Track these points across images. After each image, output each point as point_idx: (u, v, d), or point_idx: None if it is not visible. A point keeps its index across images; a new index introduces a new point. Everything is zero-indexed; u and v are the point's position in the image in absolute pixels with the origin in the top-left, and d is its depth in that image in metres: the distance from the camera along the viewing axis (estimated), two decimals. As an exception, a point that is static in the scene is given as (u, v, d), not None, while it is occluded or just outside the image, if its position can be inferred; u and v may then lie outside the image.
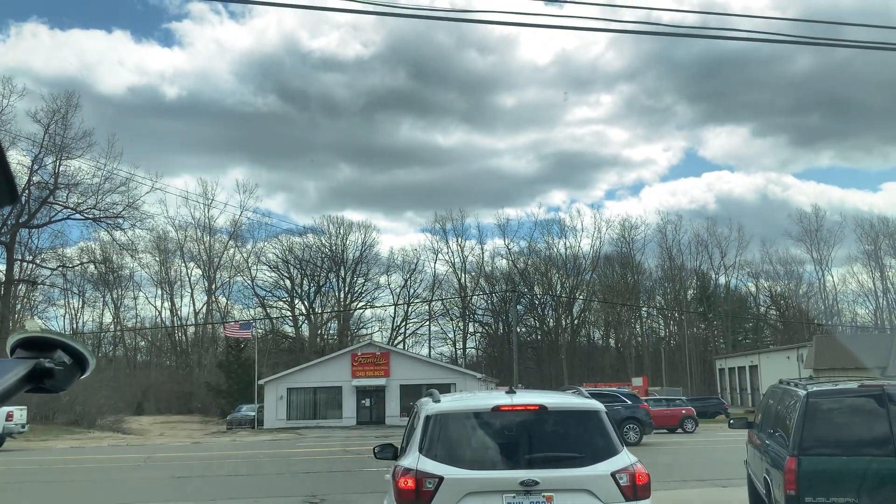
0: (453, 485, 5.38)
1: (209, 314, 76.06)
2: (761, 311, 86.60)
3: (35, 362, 1.31)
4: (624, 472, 5.51)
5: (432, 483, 5.40)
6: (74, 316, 72.85)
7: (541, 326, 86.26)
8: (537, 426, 5.84)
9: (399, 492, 5.50)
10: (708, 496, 12.84)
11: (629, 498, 5.45)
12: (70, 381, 1.38)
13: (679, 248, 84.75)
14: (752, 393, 63.37)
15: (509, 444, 5.78)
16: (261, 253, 79.52)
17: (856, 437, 7.49)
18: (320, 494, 13.86)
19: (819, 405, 7.54)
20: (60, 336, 1.38)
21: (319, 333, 79.90)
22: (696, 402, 50.78)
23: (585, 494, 5.44)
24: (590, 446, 5.69)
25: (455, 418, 5.88)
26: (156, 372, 72.81)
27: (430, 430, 5.73)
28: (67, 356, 1.37)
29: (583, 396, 6.40)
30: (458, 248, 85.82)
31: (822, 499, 7.10)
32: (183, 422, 55.47)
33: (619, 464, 5.56)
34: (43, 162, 47.61)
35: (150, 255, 75.66)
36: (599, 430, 5.78)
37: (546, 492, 5.39)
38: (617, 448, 5.69)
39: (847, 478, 7.12)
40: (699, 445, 24.75)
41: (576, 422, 5.90)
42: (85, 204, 48.38)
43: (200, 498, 13.85)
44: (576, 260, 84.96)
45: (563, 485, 5.45)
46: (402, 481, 5.51)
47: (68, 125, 48.33)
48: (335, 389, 49.63)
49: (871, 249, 78.86)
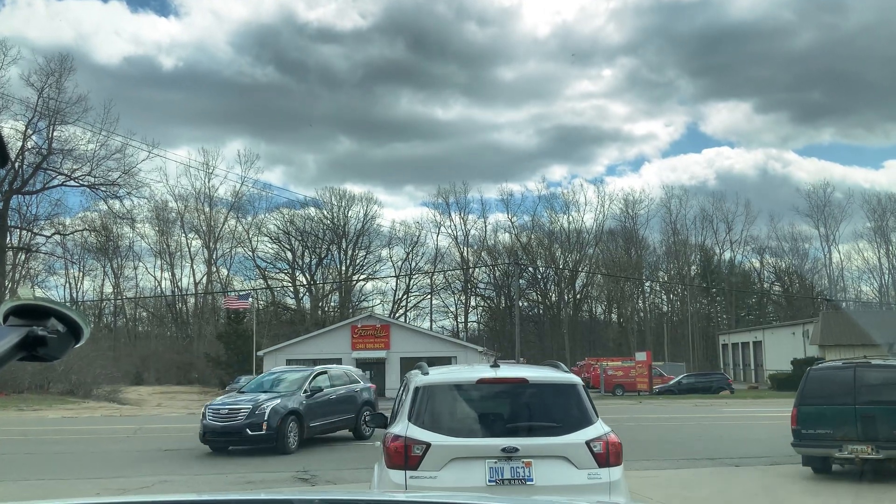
0: (439, 450, 5.74)
1: (209, 285, 75.55)
2: (765, 287, 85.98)
3: (28, 330, 1.29)
4: (598, 441, 5.84)
5: (420, 449, 5.75)
6: (74, 286, 72.49)
7: (543, 301, 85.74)
8: (518, 398, 6.24)
9: (390, 456, 5.87)
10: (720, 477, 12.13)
11: (602, 464, 5.78)
12: (64, 350, 1.35)
13: (684, 223, 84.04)
14: (755, 369, 62.79)
15: (492, 414, 6.21)
16: (262, 224, 78.88)
17: (832, 392, 11.50)
18: (312, 470, 13.21)
19: (813, 374, 12.13)
20: (54, 304, 1.35)
21: (320, 306, 79.42)
22: (699, 377, 50.39)
23: (562, 461, 5.79)
24: (567, 417, 6.03)
25: (442, 389, 6.23)
26: (156, 342, 72.54)
27: (419, 400, 6.06)
28: (61, 324, 1.34)
29: (561, 371, 6.59)
30: (461, 222, 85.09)
31: (810, 430, 11.41)
32: (182, 392, 55.14)
33: (594, 433, 5.88)
34: (37, 126, 46.70)
35: (150, 225, 75.15)
36: (576, 402, 6.11)
37: (525, 458, 5.74)
38: (592, 419, 6.02)
39: (826, 417, 11.33)
40: (706, 421, 24.10)
41: (554, 394, 6.22)
42: (80, 171, 47.48)
43: (185, 472, 13.19)
44: (579, 234, 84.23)
45: (541, 451, 5.79)
46: (393, 447, 5.88)
47: (62, 89, 47.32)
48: (335, 361, 48.90)
49: (878, 226, 78.10)
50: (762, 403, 33.72)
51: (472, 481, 5.65)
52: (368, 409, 17.46)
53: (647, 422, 23.91)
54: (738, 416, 25.13)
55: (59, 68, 47.32)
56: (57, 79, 46.45)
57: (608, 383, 47.89)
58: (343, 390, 18.02)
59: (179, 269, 78.02)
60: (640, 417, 25.91)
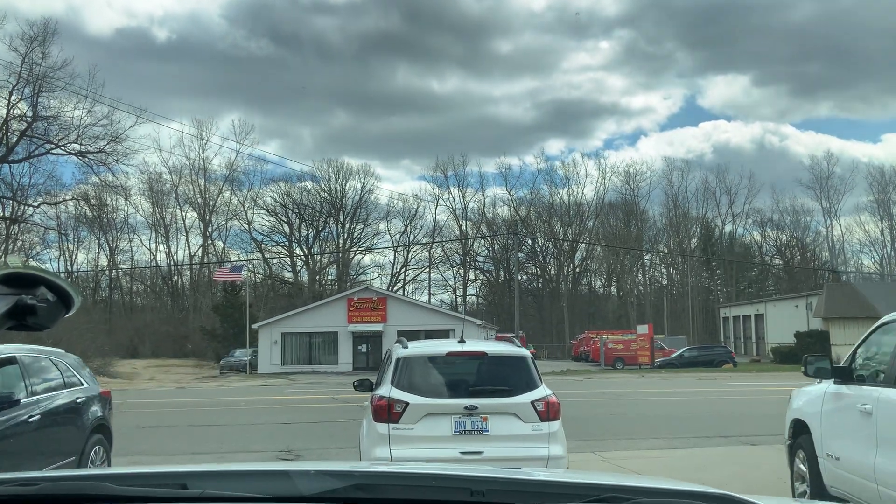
0: (416, 408, 7.06)
1: (206, 258, 74.67)
2: (766, 260, 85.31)
3: (17, 298, 1.27)
4: (541, 401, 7.16)
5: (401, 407, 7.06)
6: (69, 259, 71.67)
7: (542, 274, 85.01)
8: (479, 367, 7.61)
9: (376, 412, 7.13)
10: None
11: (543, 419, 7.09)
12: (55, 319, 1.33)
13: (685, 196, 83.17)
14: (756, 342, 62.33)
15: (458, 380, 7.49)
16: (258, 197, 77.81)
17: None
18: (297, 448, 12.36)
19: None
20: (44, 272, 1.33)
21: (318, 279, 78.59)
22: (702, 350, 49.69)
23: (511, 416, 7.09)
24: (517, 382, 7.32)
25: (418, 360, 7.52)
26: (151, 315, 71.85)
27: (400, 369, 7.34)
28: (51, 293, 1.31)
29: (515, 345, 7.89)
30: (460, 194, 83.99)
31: None
32: (177, 366, 54.52)
33: (538, 395, 7.19)
34: (23, 93, 45.32)
35: (145, 197, 74.12)
36: (525, 371, 7.41)
37: (483, 414, 7.05)
38: (537, 383, 7.32)
39: None
40: (713, 395, 23.27)
41: (507, 364, 7.54)
42: (67, 139, 46.19)
43: (159, 451, 12.31)
44: (578, 207, 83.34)
45: (496, 409, 7.10)
46: (379, 405, 7.14)
47: (47, 54, 45.91)
48: (331, 335, 48.47)
49: (880, 198, 77.41)
50: (767, 377, 32.94)
51: (440, 432, 7.03)
52: (101, 438, 9.02)
53: (651, 396, 23.09)
54: (745, 391, 24.29)
55: (42, 32, 45.87)
56: (41, 43, 45.02)
57: (608, 357, 47.14)
58: (52, 401, 8.15)
59: (175, 241, 77.28)
60: (645, 392, 25.11)
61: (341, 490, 1.60)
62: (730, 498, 1.59)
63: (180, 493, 1.59)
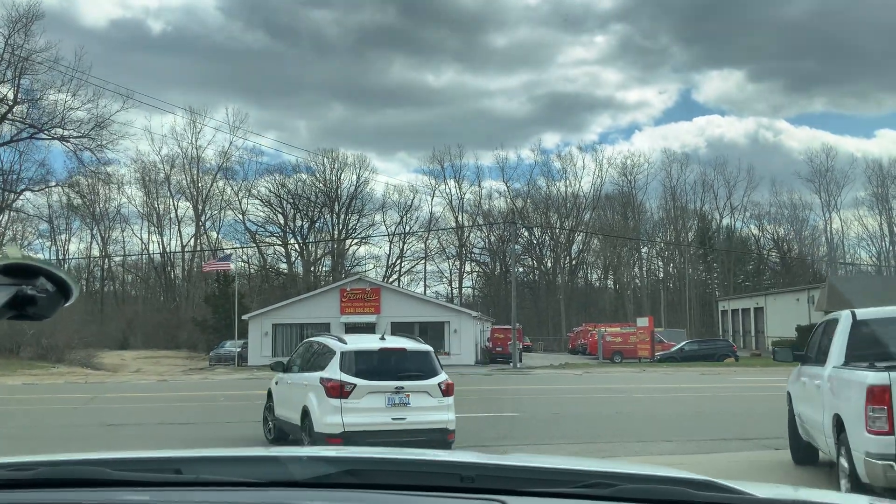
0: (361, 388, 9.83)
1: (199, 247, 73.44)
2: (764, 254, 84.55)
3: (17, 289, 1.30)
4: (443, 383, 10.19)
5: (350, 387, 9.79)
6: (61, 249, 70.46)
7: (538, 266, 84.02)
8: (402, 358, 10.47)
9: (328, 391, 9.79)
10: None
11: (444, 395, 10.12)
12: (54, 309, 1.36)
13: (683, 189, 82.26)
14: (755, 335, 61.40)
15: (388, 368, 10.24)
16: (252, 187, 76.50)
17: None
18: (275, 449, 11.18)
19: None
20: (43, 263, 1.36)
21: (312, 270, 77.43)
22: (703, 344, 48.59)
23: (424, 394, 10.08)
24: (427, 369, 10.31)
25: (359, 353, 10.39)
26: (143, 306, 70.67)
27: (345, 359, 10.14)
28: (50, 284, 1.34)
29: (422, 343, 10.97)
30: (456, 186, 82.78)
31: None
32: (168, 357, 53.40)
33: (441, 379, 10.23)
34: (5, 76, 43.87)
35: (137, 187, 72.82)
36: (432, 362, 10.46)
37: (406, 392, 9.99)
38: (439, 371, 10.37)
39: None
40: (722, 392, 22.17)
41: (420, 356, 10.52)
42: (51, 123, 44.78)
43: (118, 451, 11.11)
44: (575, 199, 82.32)
45: (415, 388, 10.05)
46: (331, 385, 9.83)
47: (30, 34, 44.47)
48: (323, 326, 47.05)
49: (879, 192, 76.72)
50: (772, 372, 31.84)
51: (378, 404, 9.80)
52: None
53: (656, 393, 21.97)
54: (752, 386, 23.22)
55: (26, 13, 44.41)
56: (24, 25, 43.58)
57: (606, 350, 46.05)
58: None
59: (168, 231, 76.03)
60: (649, 388, 24.00)
61: (334, 475, 1.65)
62: (713, 484, 1.62)
63: (175, 477, 1.63)
